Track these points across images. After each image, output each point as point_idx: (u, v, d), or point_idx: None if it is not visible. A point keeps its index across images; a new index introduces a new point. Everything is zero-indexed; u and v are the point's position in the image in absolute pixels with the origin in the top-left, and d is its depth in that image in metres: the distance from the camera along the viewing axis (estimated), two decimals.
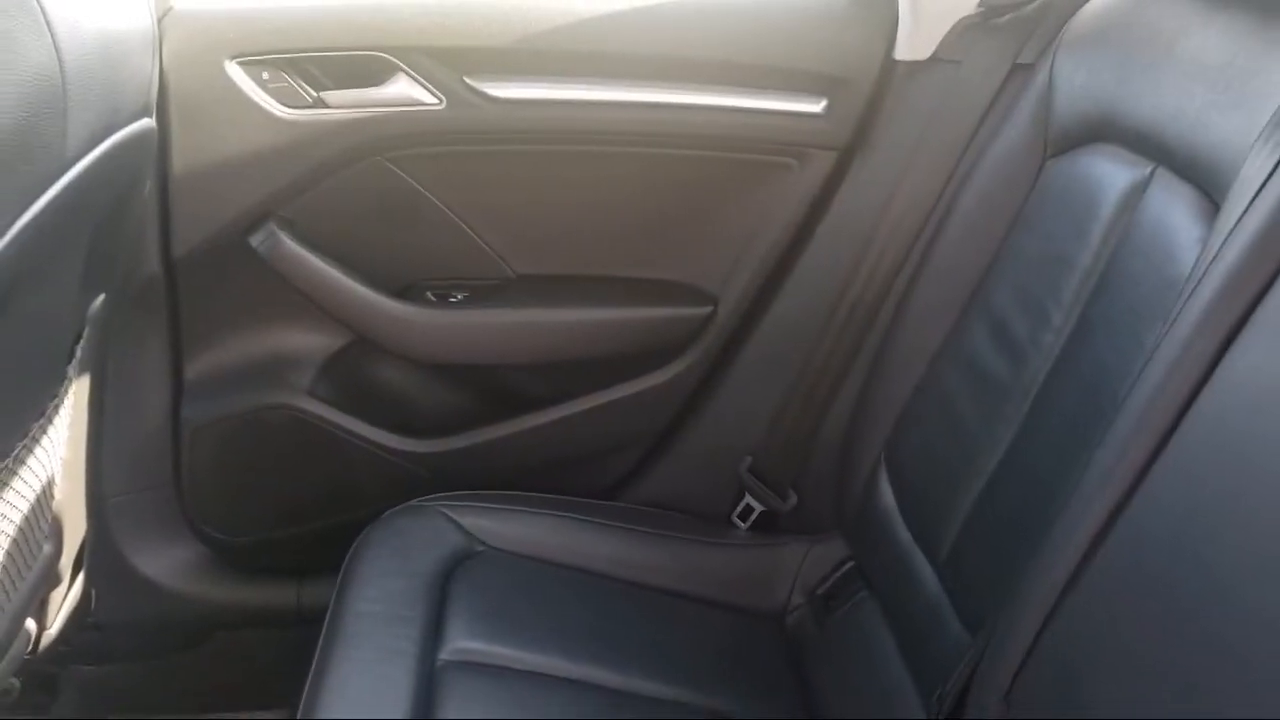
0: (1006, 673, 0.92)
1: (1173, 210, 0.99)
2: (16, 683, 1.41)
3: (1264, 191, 0.84)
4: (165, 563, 1.52)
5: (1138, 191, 1.04)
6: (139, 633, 1.54)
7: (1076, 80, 1.17)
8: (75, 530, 1.33)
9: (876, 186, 1.37)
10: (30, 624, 1.28)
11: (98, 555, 1.44)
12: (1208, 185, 0.95)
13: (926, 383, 1.27)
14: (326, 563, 1.34)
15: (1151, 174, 1.03)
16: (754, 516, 1.48)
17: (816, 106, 1.37)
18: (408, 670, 1.12)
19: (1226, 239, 0.85)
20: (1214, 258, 0.86)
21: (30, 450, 1.12)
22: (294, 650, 1.23)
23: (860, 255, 1.38)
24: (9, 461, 1.07)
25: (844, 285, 1.39)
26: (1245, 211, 0.85)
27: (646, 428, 1.54)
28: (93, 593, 1.45)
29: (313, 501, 1.53)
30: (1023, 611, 0.91)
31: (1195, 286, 0.86)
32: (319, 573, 1.50)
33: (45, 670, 1.52)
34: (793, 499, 1.46)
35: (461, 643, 1.18)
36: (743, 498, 1.48)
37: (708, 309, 1.48)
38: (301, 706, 1.09)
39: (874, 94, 1.36)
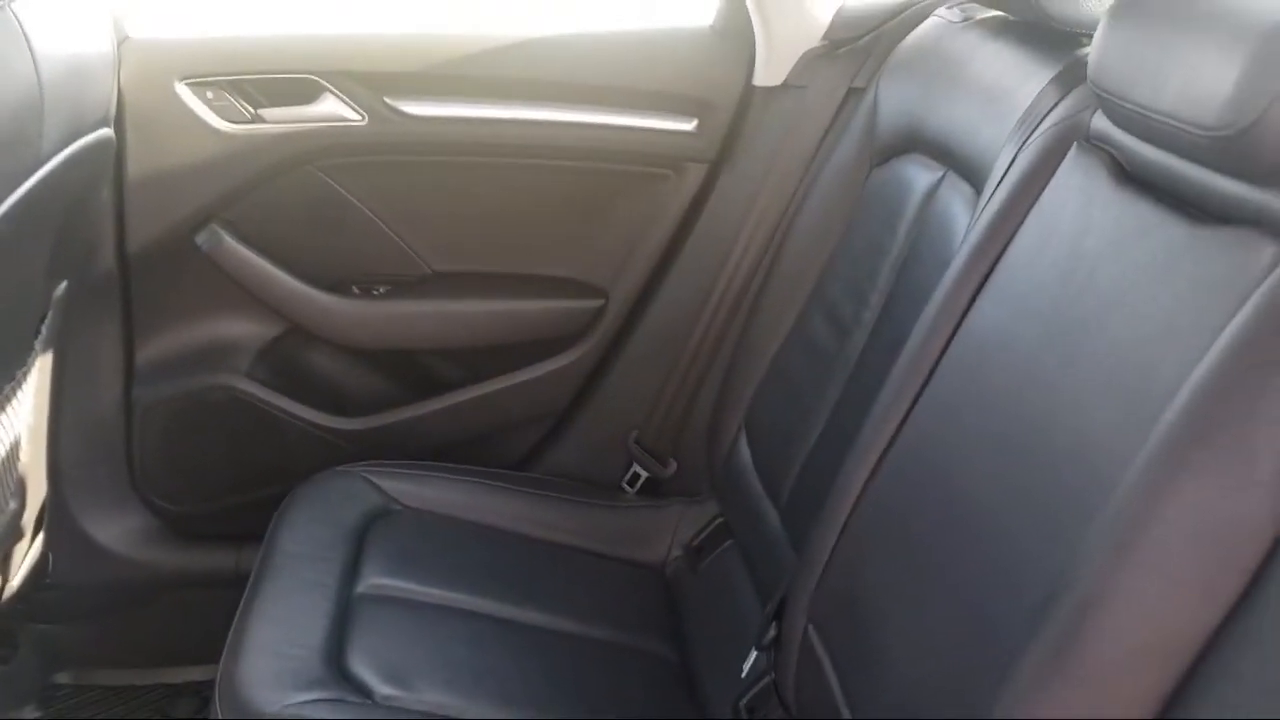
0: (810, 583, 1.12)
1: (953, 204, 1.21)
2: None
3: (1002, 183, 1.07)
4: (116, 530, 1.67)
5: (933, 191, 1.27)
6: (92, 593, 1.68)
7: (894, 101, 1.40)
8: (38, 491, 1.49)
9: (741, 194, 1.59)
10: None
11: (55, 522, 1.59)
12: (976, 182, 1.17)
13: (777, 361, 1.48)
14: (263, 530, 1.47)
15: (943, 177, 1.26)
16: (640, 482, 1.68)
17: (689, 125, 1.59)
18: (327, 599, 1.29)
19: (975, 221, 1.08)
20: (965, 238, 1.08)
21: None
22: (233, 611, 1.34)
23: (727, 254, 1.60)
24: None
25: (714, 280, 1.61)
26: (989, 200, 1.07)
27: (548, 406, 1.73)
28: (50, 556, 1.60)
29: (251, 474, 1.70)
30: (824, 532, 1.12)
31: (954, 260, 1.08)
32: (256, 539, 1.62)
33: (4, 626, 1.65)
34: (673, 466, 1.67)
35: (376, 579, 1.36)
36: (631, 466, 1.69)
37: (600, 302, 1.68)
38: (233, 628, 1.26)
39: (736, 115, 1.59)
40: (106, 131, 1.34)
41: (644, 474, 1.68)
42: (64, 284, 1.41)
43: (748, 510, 1.43)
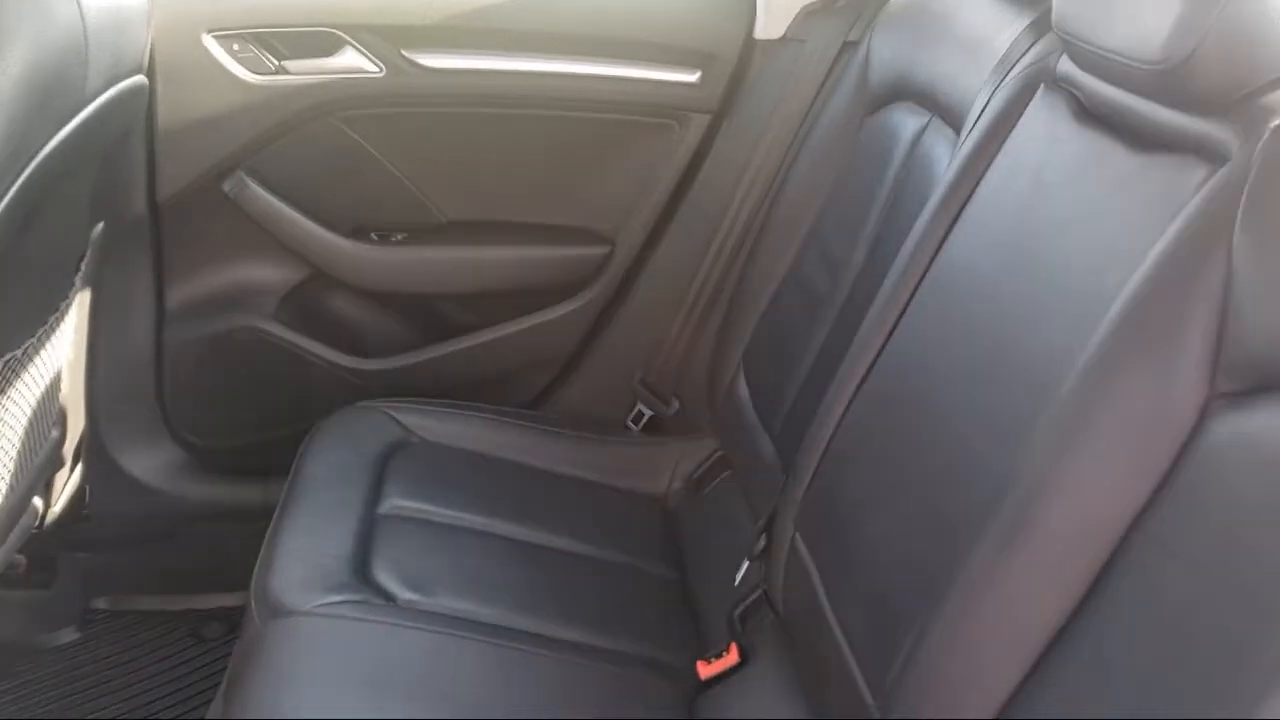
0: (797, 496, 1.21)
1: (936, 147, 1.29)
2: (23, 559, 1.66)
3: (976, 125, 1.14)
4: (149, 463, 1.77)
5: (918, 137, 1.35)
6: (126, 524, 1.78)
7: (885, 52, 1.48)
8: (77, 422, 1.58)
9: (742, 144, 1.67)
10: (37, 501, 1.52)
11: (91, 455, 1.68)
12: (957, 126, 1.25)
13: (773, 302, 1.57)
14: (287, 464, 1.57)
15: (928, 122, 1.34)
16: (644, 420, 1.78)
17: (692, 77, 1.67)
18: (352, 517, 1.39)
19: (951, 161, 1.16)
20: (943, 177, 1.16)
21: (41, 345, 1.37)
22: (260, 541, 1.43)
23: (728, 202, 1.68)
24: (25, 351, 1.33)
25: (716, 227, 1.69)
26: (965, 139, 1.15)
27: (557, 349, 1.82)
28: (87, 488, 1.70)
29: (275, 411, 1.79)
30: (809, 451, 1.21)
31: (931, 198, 1.16)
32: (281, 473, 1.71)
33: (46, 553, 1.76)
34: (675, 405, 1.76)
35: (397, 501, 1.45)
36: (635, 405, 1.78)
37: (606, 249, 1.77)
38: (265, 542, 1.36)
39: (738, 67, 1.66)
40: (141, 78, 1.42)
41: (647, 412, 1.77)
42: (101, 225, 1.50)
43: (744, 441, 1.52)
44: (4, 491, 1.34)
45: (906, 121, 1.38)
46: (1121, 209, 0.86)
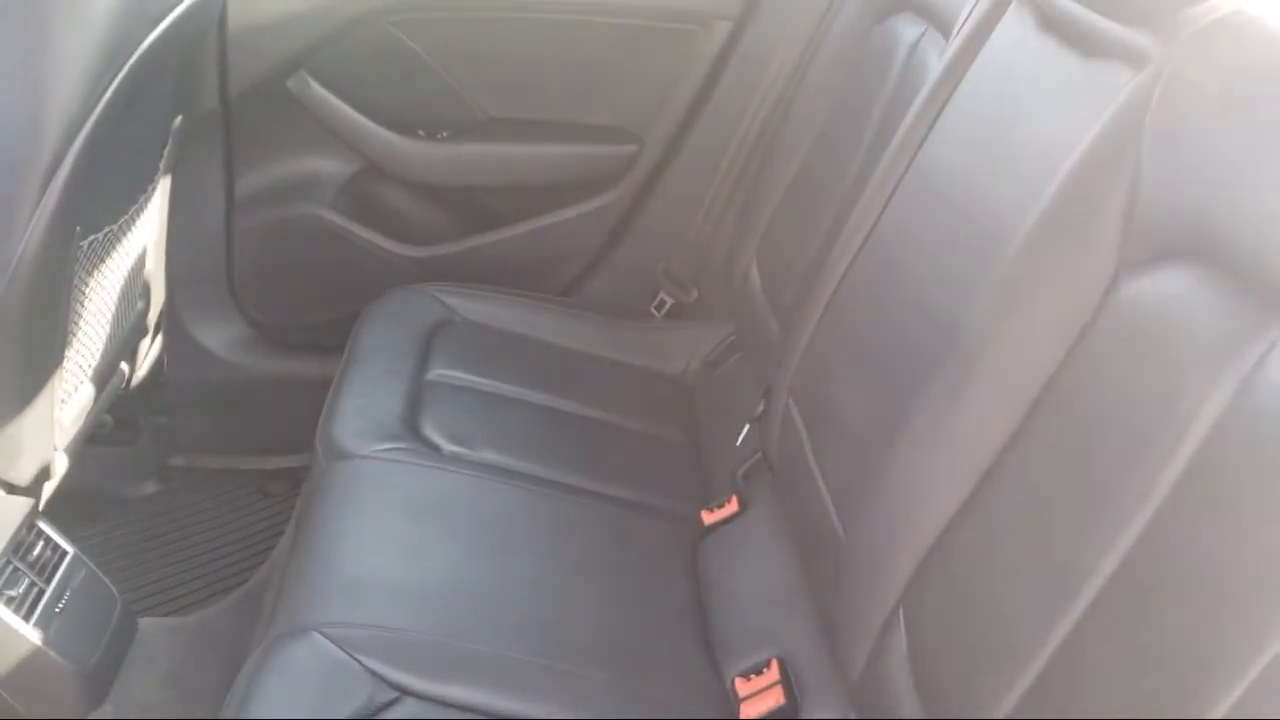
0: (791, 365, 1.38)
1: (930, 55, 1.42)
2: (109, 419, 1.86)
3: (959, 34, 1.28)
4: (220, 337, 1.96)
5: (915, 44, 1.47)
6: (198, 391, 1.98)
7: None
8: (159, 296, 1.77)
9: (761, 50, 1.81)
10: (124, 366, 1.72)
11: (169, 328, 1.88)
12: (947, 35, 1.38)
13: (786, 196, 1.71)
14: (342, 342, 1.74)
15: (924, 32, 1.46)
16: (666, 307, 1.94)
17: None
18: (403, 381, 1.57)
19: (936, 67, 1.30)
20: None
21: (131, 224, 1.55)
22: (318, 409, 1.59)
23: (748, 104, 1.82)
24: (119, 226, 1.50)
25: (736, 127, 1.84)
26: (949, 47, 1.29)
27: (588, 241, 1.98)
28: (165, 357, 1.89)
29: (331, 292, 1.97)
30: (803, 324, 1.37)
31: (916, 99, 1.30)
32: (336, 349, 1.85)
33: (129, 414, 1.96)
34: (695, 293, 1.92)
35: (443, 370, 1.63)
36: (658, 294, 1.95)
37: (635, 147, 1.92)
38: (327, 401, 1.55)
39: None
40: None
41: (669, 300, 1.94)
42: (179, 118, 1.67)
43: (754, 323, 1.68)
44: (100, 350, 1.54)
45: (907, 30, 1.51)
46: (1064, 106, 1.00)
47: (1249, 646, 0.68)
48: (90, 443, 1.62)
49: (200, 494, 1.99)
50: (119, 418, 1.89)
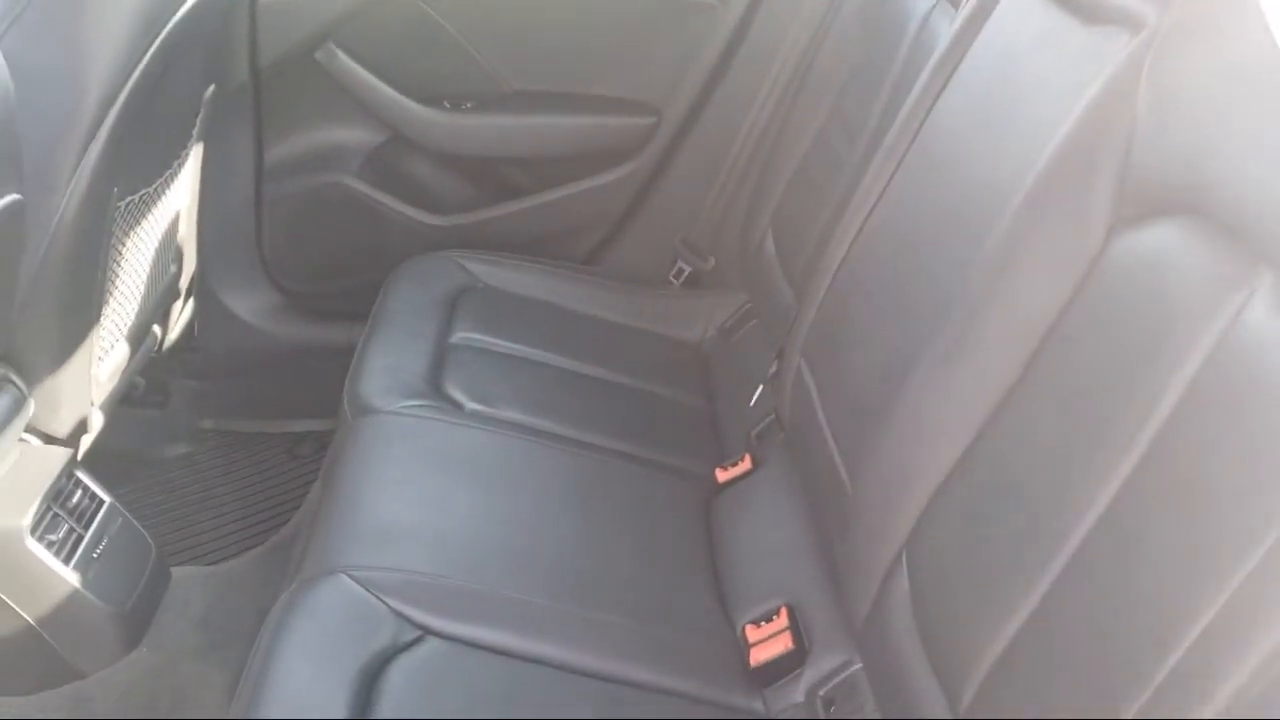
0: (804, 327, 1.42)
1: (941, 26, 1.45)
2: (142, 381, 1.92)
3: (967, 4, 1.31)
4: (249, 303, 2.01)
5: (927, 16, 1.50)
6: (228, 356, 2.03)
7: None
8: (191, 261, 1.82)
9: (776, 23, 1.84)
10: (156, 329, 1.77)
11: (200, 293, 1.94)
12: (958, 4, 1.41)
13: (800, 167, 1.75)
14: (367, 309, 1.78)
15: (936, 3, 1.49)
16: (684, 276, 1.98)
17: None
18: (427, 343, 1.62)
19: (945, 37, 1.33)
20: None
21: (165, 189, 1.60)
22: (344, 375, 1.63)
23: (764, 76, 1.86)
24: (155, 189, 1.55)
25: (753, 99, 1.87)
26: (958, 16, 1.32)
27: (608, 211, 2.02)
28: (195, 322, 1.95)
29: (358, 259, 2.03)
30: (815, 288, 1.41)
31: (925, 68, 1.33)
32: (362, 316, 1.89)
33: (161, 377, 2.02)
34: (711, 262, 1.96)
35: (465, 333, 1.68)
36: (676, 263, 1.99)
37: (653, 119, 1.96)
38: (354, 361, 1.60)
39: None
40: None
41: (687, 269, 1.98)
42: (211, 88, 1.72)
43: (769, 291, 1.72)
44: (135, 310, 1.59)
45: (919, 2, 1.54)
46: (1065, 71, 1.04)
47: (1234, 550, 0.72)
48: (124, 404, 1.68)
49: (231, 455, 2.05)
50: (151, 381, 1.96)
